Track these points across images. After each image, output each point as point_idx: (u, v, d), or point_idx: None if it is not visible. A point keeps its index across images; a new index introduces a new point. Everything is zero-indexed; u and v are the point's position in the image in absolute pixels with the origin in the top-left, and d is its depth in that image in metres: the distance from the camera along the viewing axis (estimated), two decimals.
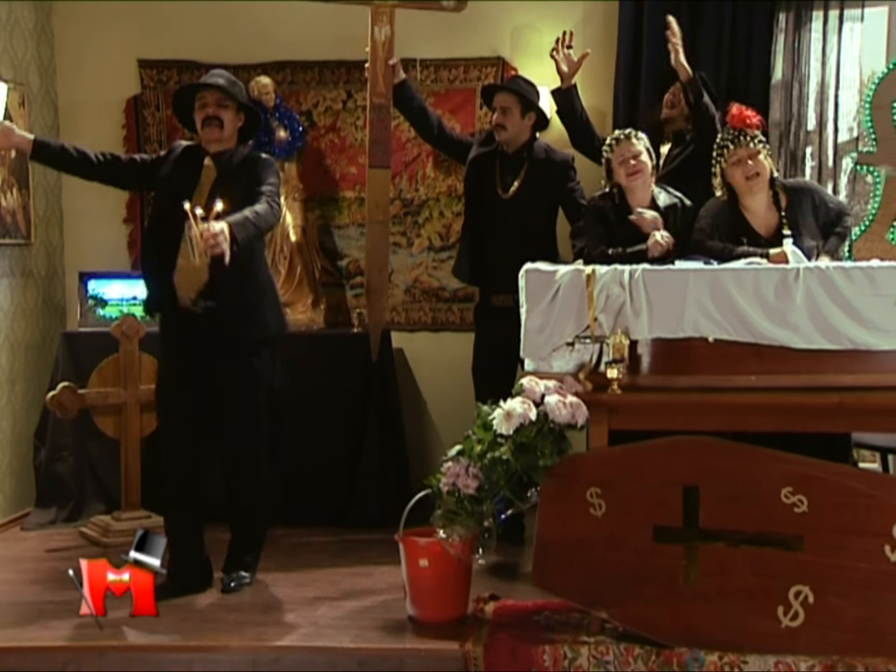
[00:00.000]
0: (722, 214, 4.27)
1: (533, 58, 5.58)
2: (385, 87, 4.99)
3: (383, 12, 4.97)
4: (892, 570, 3.27)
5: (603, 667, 3.34)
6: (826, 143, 5.32)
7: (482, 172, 4.82)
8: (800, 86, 5.30)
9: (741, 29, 5.28)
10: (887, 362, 3.54)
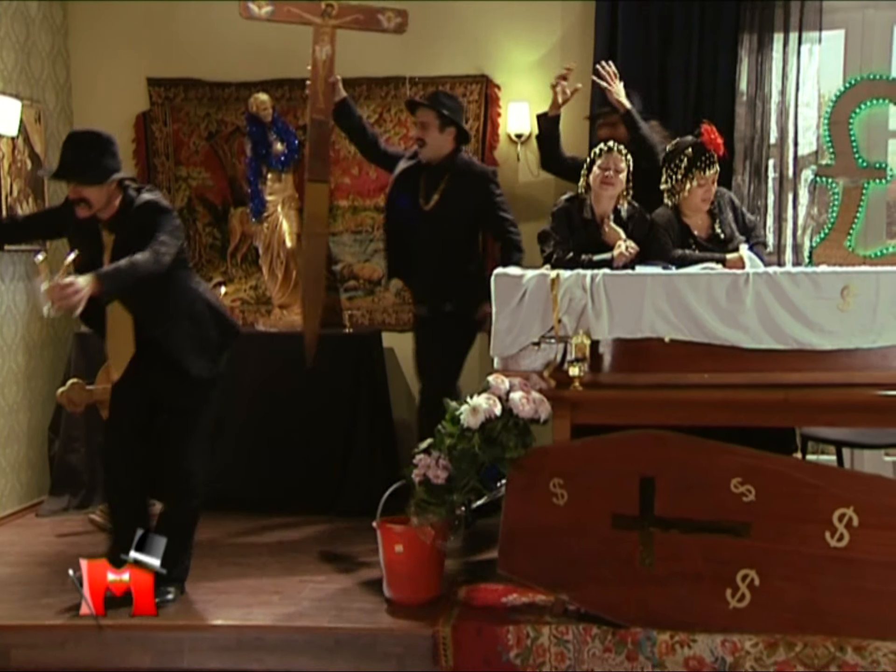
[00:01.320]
0: (672, 223, 4.37)
1: (515, 75, 5.60)
2: (325, 103, 4.89)
3: (325, 32, 4.89)
4: (831, 554, 3.29)
5: (563, 646, 3.35)
6: (787, 156, 5.31)
7: (407, 185, 4.76)
8: (763, 102, 5.28)
9: (708, 49, 5.26)
10: (830, 361, 3.55)
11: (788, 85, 5.26)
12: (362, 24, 4.92)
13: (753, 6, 5.21)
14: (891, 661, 3.14)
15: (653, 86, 5.32)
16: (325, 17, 4.87)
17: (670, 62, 5.31)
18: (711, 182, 4.33)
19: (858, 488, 3.35)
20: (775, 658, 3.22)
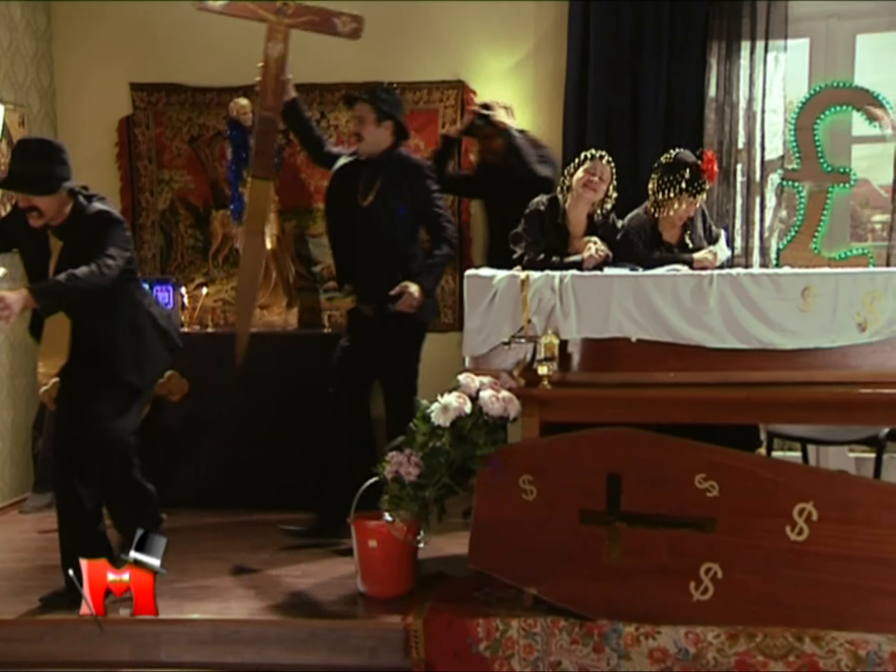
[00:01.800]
0: (645, 228, 4.42)
1: (490, 80, 5.61)
2: (274, 101, 4.74)
3: (278, 30, 4.76)
4: (792, 548, 3.31)
5: (531, 638, 3.36)
6: (755, 161, 5.33)
7: (346, 181, 4.57)
8: (731, 108, 5.31)
9: (678, 57, 5.28)
10: (791, 360, 3.57)
11: (756, 91, 5.29)
12: (317, 27, 4.79)
13: (721, 15, 5.24)
14: (846, 651, 3.16)
15: (624, 92, 5.34)
16: (279, 15, 4.74)
17: (641, 69, 5.32)
18: (692, 205, 4.38)
19: (818, 484, 3.37)
20: (736, 649, 3.23)
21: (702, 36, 5.25)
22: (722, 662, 3.24)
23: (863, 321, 3.55)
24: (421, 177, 4.50)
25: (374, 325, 4.44)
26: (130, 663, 3.45)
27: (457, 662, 3.36)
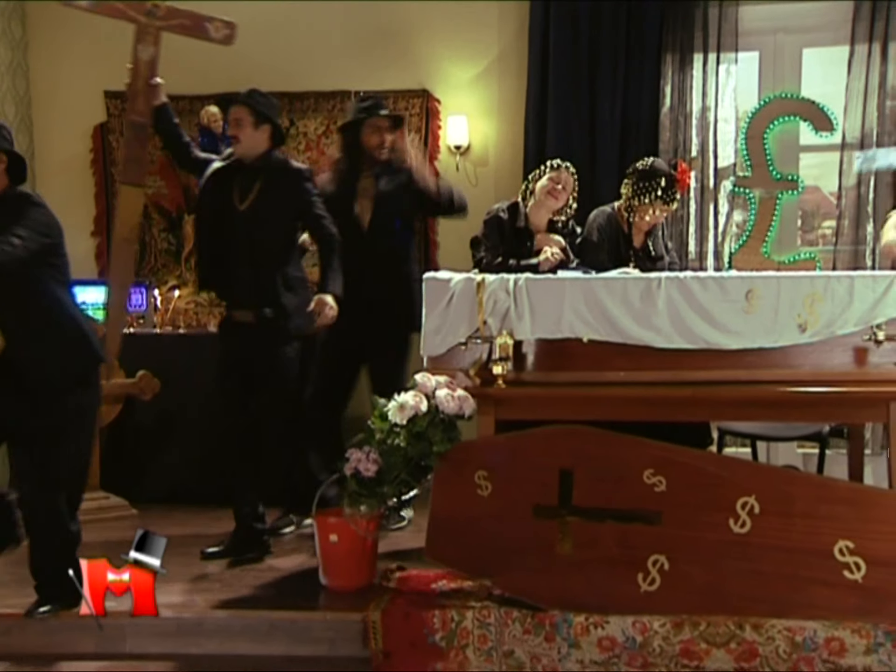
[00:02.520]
0: (611, 228, 4.43)
1: (454, 89, 5.64)
2: (144, 105, 4.52)
3: (150, 32, 4.55)
4: (735, 540, 3.33)
5: (485, 628, 3.36)
6: (708, 168, 5.38)
7: (220, 186, 4.27)
8: (685, 118, 5.36)
9: (634, 69, 5.34)
10: (736, 360, 3.60)
11: (708, 102, 5.35)
12: (189, 30, 4.62)
13: (675, 29, 5.29)
14: (784, 637, 3.18)
15: (582, 102, 5.39)
16: (150, 16, 4.53)
17: (599, 80, 5.37)
18: (663, 213, 4.43)
19: (760, 479, 3.40)
20: (681, 637, 3.25)
21: (656, 48, 5.30)
22: (667, 650, 3.25)
23: (803, 322, 3.58)
24: (300, 180, 4.23)
25: (252, 332, 4.14)
26: (96, 655, 3.42)
27: (413, 652, 3.35)
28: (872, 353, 3.56)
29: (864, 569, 3.24)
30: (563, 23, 5.34)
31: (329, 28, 5.68)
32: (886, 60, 5.06)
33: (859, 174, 5.23)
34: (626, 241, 4.43)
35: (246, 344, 4.16)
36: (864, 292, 3.56)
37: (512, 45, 5.55)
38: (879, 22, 5.03)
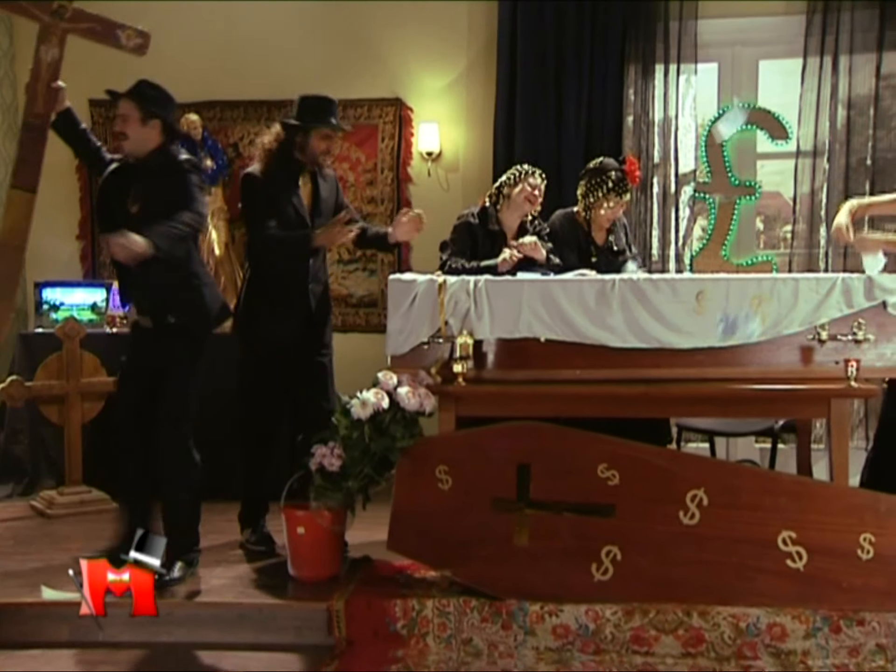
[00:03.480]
0: (572, 227, 4.44)
1: (426, 98, 5.64)
2: (44, 108, 4.09)
3: (54, 33, 4.14)
4: (684, 531, 3.35)
5: (445, 617, 3.37)
6: (669, 174, 5.40)
7: (114, 187, 3.90)
8: (647, 126, 5.37)
9: (598, 79, 5.35)
10: (687, 358, 3.61)
11: (670, 110, 5.37)
12: (98, 36, 4.26)
13: (637, 40, 5.31)
14: (729, 624, 3.21)
15: (549, 110, 5.39)
16: (55, 17, 4.14)
17: (564, 89, 5.38)
18: (621, 207, 4.42)
19: (708, 472, 3.42)
20: (631, 624, 3.26)
21: (619, 60, 5.32)
22: (618, 637, 3.27)
23: None
24: (182, 173, 3.79)
25: (151, 337, 3.84)
26: (69, 643, 3.42)
27: (375, 640, 3.36)
28: (816, 352, 3.58)
29: (805, 558, 3.27)
30: (529, 35, 5.35)
31: (307, 38, 5.68)
32: (837, 72, 5.09)
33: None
34: (587, 239, 4.42)
35: (146, 349, 3.85)
36: (808, 294, 3.58)
37: (481, 56, 5.56)
38: (830, 36, 5.06)
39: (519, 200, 4.33)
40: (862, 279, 3.60)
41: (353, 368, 5.52)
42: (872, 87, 5.10)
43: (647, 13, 5.27)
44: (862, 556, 3.25)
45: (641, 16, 5.27)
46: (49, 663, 3.31)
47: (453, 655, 3.30)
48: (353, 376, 5.50)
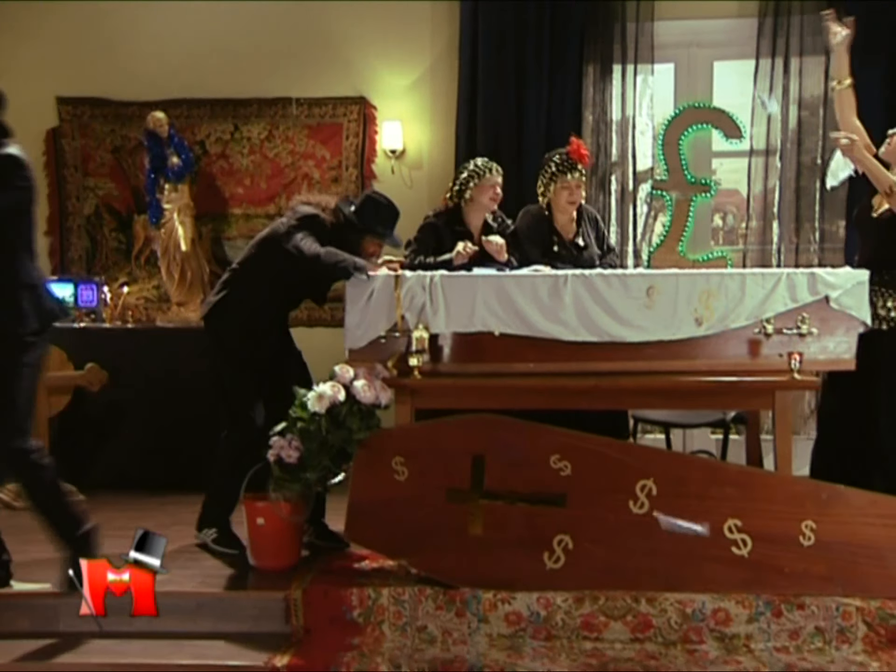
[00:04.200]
0: (539, 221, 4.38)
1: (389, 97, 5.63)
2: None
3: None
4: (633, 520, 3.37)
5: (400, 605, 3.37)
6: (627, 172, 5.42)
7: None
8: (605, 125, 5.40)
9: (557, 78, 5.36)
10: (637, 352, 3.64)
11: (627, 110, 5.38)
12: None
13: (595, 41, 5.32)
14: (676, 609, 3.23)
15: (510, 109, 5.40)
16: None
17: (525, 88, 5.39)
18: (575, 186, 4.29)
19: (658, 462, 3.44)
20: (582, 611, 3.28)
21: (578, 59, 5.33)
22: (569, 623, 3.29)
23: (699, 316, 3.63)
24: (12, 169, 3.39)
25: None
26: (30, 634, 3.39)
27: (332, 628, 3.35)
28: (762, 345, 3.62)
29: (750, 545, 3.30)
30: (490, 35, 5.34)
31: (271, 37, 5.64)
32: (788, 74, 5.13)
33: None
34: (552, 233, 4.39)
35: None
36: (754, 289, 3.61)
37: (444, 56, 5.55)
38: (781, 39, 5.10)
39: (484, 201, 4.30)
40: (806, 275, 3.64)
41: (318, 362, 5.50)
42: (822, 89, 5.14)
43: (605, 14, 5.29)
44: (804, 543, 3.29)
45: (599, 17, 5.29)
46: (9, 653, 3.28)
47: (408, 642, 3.30)
48: (319, 370, 5.51)
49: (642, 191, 5.49)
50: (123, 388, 5.16)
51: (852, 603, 3.18)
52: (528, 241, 4.35)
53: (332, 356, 5.47)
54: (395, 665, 3.12)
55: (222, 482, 3.93)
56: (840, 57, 4.05)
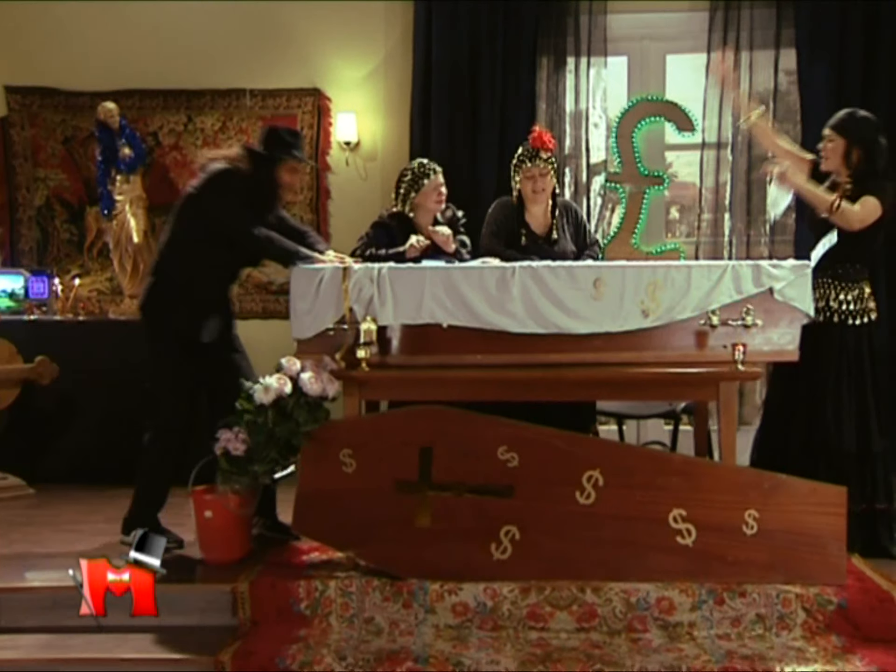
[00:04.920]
0: (508, 214, 4.32)
1: (344, 88, 5.60)
2: None
3: None
4: (580, 511, 3.39)
5: (347, 597, 3.36)
6: (581, 165, 5.43)
7: None
8: (559, 117, 5.40)
9: (511, 71, 5.34)
10: (585, 343, 3.64)
11: (581, 102, 5.39)
12: None
13: (548, 34, 5.32)
14: (621, 599, 3.25)
15: (464, 101, 5.38)
16: None
17: (479, 80, 5.38)
18: (539, 175, 4.21)
19: (604, 453, 3.46)
20: (528, 601, 3.29)
21: (532, 52, 5.32)
22: (515, 614, 3.29)
23: (646, 308, 3.64)
24: None
25: None
26: None
27: (279, 620, 3.34)
28: (708, 336, 3.63)
29: (694, 534, 3.33)
30: (444, 26, 5.32)
31: (225, 28, 5.59)
32: (740, 68, 5.15)
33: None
34: (521, 226, 4.33)
35: None
36: (700, 281, 3.63)
37: (398, 48, 5.52)
38: (731, 32, 5.14)
39: (429, 205, 4.23)
40: (751, 267, 3.66)
41: (273, 355, 5.47)
42: (772, 83, 5.19)
43: (559, 7, 5.29)
44: (746, 532, 3.32)
45: (553, 10, 5.29)
46: None
47: (354, 634, 3.29)
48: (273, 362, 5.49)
49: (596, 183, 5.50)
50: (75, 381, 5.10)
51: (792, 590, 3.22)
52: (491, 234, 4.31)
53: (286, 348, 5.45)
54: (341, 657, 3.11)
55: (146, 480, 3.90)
56: (736, 97, 4.05)
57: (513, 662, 3.05)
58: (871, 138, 3.79)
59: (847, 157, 3.79)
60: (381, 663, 3.07)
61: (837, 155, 3.81)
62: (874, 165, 3.76)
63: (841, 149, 3.80)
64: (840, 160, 3.81)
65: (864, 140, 3.77)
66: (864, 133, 3.79)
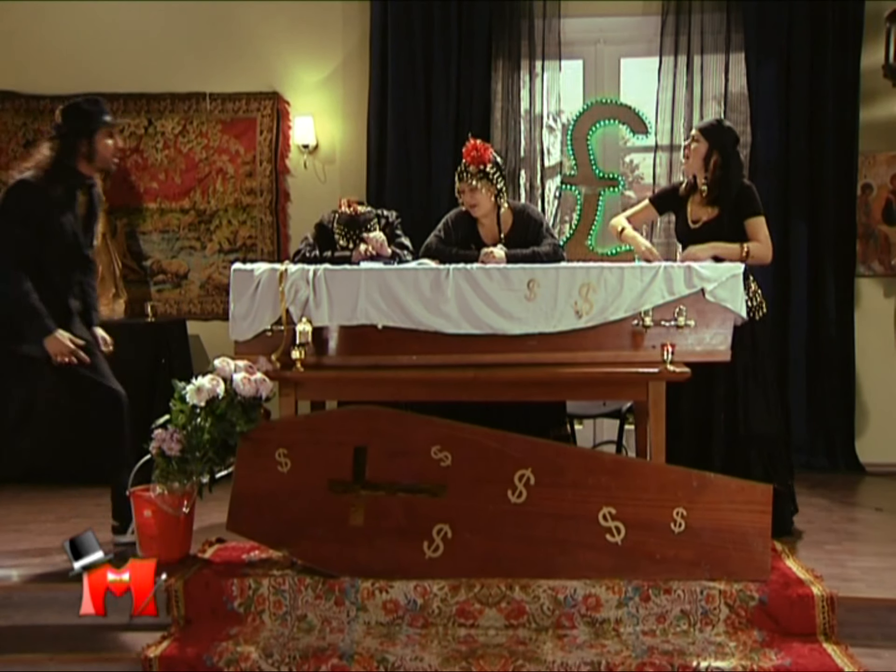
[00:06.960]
0: (460, 223, 4.32)
1: (302, 92, 5.63)
2: None
3: None
4: (511, 509, 3.41)
5: (280, 595, 3.37)
6: (536, 167, 5.46)
7: None
8: (514, 121, 5.42)
9: (465, 75, 5.38)
10: (519, 344, 3.67)
11: (536, 105, 5.41)
12: None
13: (502, 37, 5.35)
14: (548, 596, 3.26)
15: (419, 105, 5.42)
16: None
17: (434, 84, 5.41)
18: (469, 190, 4.18)
19: (536, 452, 3.48)
20: (457, 598, 3.31)
21: (486, 55, 5.35)
22: (445, 611, 3.31)
23: (579, 309, 3.67)
24: None
25: None
26: None
27: (213, 618, 3.35)
28: (640, 337, 3.66)
29: (623, 532, 3.36)
30: (400, 31, 5.36)
31: (185, 31, 5.62)
32: (691, 72, 5.19)
33: None
34: (474, 236, 4.36)
35: None
36: (632, 282, 3.66)
37: (355, 52, 5.56)
38: (683, 37, 5.17)
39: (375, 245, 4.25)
40: (682, 268, 3.69)
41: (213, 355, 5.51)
42: (722, 86, 5.22)
43: (513, 11, 5.32)
44: (674, 530, 3.35)
45: (507, 13, 5.32)
46: None
47: (286, 631, 3.30)
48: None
49: (551, 186, 5.53)
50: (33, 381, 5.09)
51: (716, 586, 3.24)
52: (438, 239, 4.29)
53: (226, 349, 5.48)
54: (268, 654, 3.12)
55: None
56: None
57: (436, 659, 3.06)
58: (731, 148, 3.96)
59: (706, 161, 3.95)
60: (306, 660, 3.08)
61: (699, 157, 3.97)
62: (728, 174, 3.92)
63: (703, 151, 3.95)
64: (700, 162, 3.97)
65: (724, 147, 3.93)
66: (725, 141, 3.95)
